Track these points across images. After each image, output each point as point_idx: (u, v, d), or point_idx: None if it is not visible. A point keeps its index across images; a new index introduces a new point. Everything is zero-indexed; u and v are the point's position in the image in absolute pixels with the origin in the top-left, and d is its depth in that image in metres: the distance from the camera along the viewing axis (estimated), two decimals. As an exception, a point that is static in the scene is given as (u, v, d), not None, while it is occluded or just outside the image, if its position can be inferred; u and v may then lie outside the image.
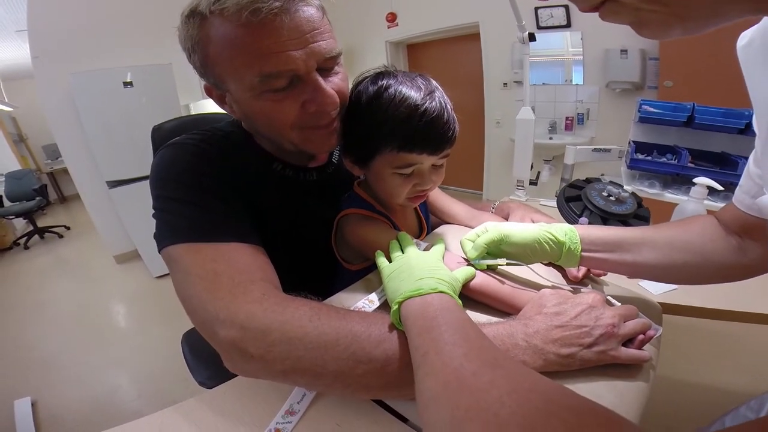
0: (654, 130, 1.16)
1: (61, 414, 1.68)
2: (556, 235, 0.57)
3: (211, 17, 0.50)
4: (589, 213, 0.80)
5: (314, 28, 0.52)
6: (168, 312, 2.36)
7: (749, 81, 0.43)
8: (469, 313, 0.44)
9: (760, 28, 0.40)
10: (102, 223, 3.02)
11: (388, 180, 0.62)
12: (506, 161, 1.24)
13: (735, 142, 1.09)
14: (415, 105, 0.56)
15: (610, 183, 0.87)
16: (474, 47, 3.40)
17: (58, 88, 2.57)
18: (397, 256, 0.54)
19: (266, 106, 0.55)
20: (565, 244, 0.56)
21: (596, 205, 0.79)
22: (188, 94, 3.02)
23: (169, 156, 0.60)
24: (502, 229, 0.58)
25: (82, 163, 2.79)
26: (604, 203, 0.80)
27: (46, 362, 2.08)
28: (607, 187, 0.84)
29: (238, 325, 0.43)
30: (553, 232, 0.57)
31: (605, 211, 0.78)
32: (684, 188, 1.03)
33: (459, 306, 0.43)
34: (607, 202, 0.81)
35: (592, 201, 0.80)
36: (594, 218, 0.79)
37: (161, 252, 0.53)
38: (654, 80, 2.56)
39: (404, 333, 0.43)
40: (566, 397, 0.28)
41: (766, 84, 0.39)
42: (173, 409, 0.47)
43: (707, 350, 1.65)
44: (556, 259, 0.59)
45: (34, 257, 3.83)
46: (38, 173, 5.59)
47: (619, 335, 0.45)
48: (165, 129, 0.94)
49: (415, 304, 0.42)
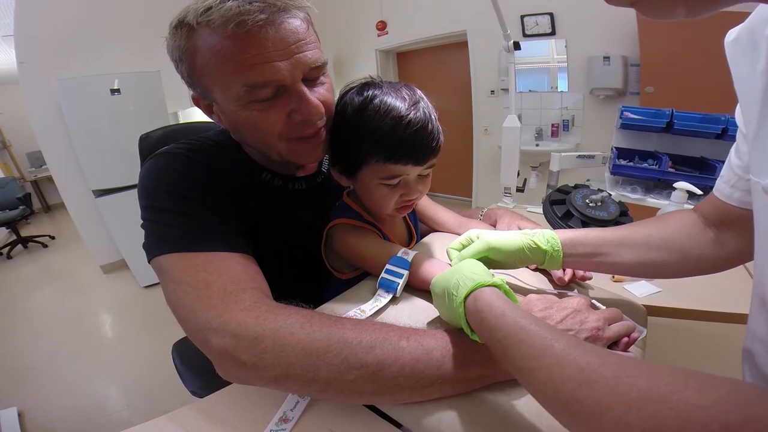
0: (635, 136, 1.19)
1: (49, 424, 1.66)
2: (539, 243, 0.59)
3: (198, 28, 0.51)
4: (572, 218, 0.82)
5: (299, 39, 0.54)
6: (157, 322, 2.33)
7: (736, 76, 0.45)
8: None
9: (747, 26, 0.42)
10: (88, 232, 2.97)
11: (374, 191, 0.63)
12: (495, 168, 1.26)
13: (713, 147, 1.12)
14: (400, 116, 0.56)
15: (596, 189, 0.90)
16: (462, 55, 3.45)
17: (44, 95, 2.54)
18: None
19: (252, 116, 0.56)
20: (548, 252, 0.59)
21: (580, 211, 0.82)
22: (177, 101, 3.00)
23: (157, 165, 0.60)
24: (488, 239, 0.60)
25: (67, 171, 2.75)
26: (587, 209, 0.82)
27: (32, 372, 2.04)
28: (591, 194, 0.86)
29: (231, 333, 0.44)
30: (536, 240, 0.59)
31: (588, 216, 0.81)
32: (665, 193, 1.06)
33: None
34: (590, 207, 0.83)
35: (575, 206, 0.82)
36: (575, 222, 0.81)
37: (151, 262, 0.53)
38: (636, 86, 2.63)
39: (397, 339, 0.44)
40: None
41: (751, 79, 0.40)
42: (166, 418, 0.47)
43: (692, 351, 1.69)
44: (540, 264, 0.61)
45: (17, 267, 3.74)
46: (22, 181, 5.47)
47: (604, 338, 0.47)
48: (152, 138, 0.94)
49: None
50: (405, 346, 0.44)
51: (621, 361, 0.31)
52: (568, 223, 0.81)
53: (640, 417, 0.26)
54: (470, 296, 0.44)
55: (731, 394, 0.25)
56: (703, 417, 0.24)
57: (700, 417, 0.24)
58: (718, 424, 0.23)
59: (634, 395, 0.27)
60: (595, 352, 0.33)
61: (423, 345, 0.45)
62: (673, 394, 0.26)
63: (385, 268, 0.62)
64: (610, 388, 0.29)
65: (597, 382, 0.29)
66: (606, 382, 0.29)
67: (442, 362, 0.44)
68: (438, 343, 0.46)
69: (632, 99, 2.67)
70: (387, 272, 0.61)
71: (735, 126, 1.00)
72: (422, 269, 0.61)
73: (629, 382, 0.28)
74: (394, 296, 0.60)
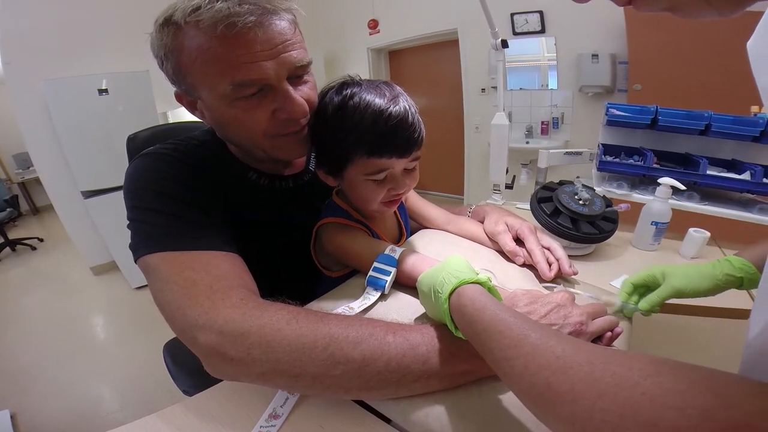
0: (621, 132, 1.20)
1: (42, 426, 1.65)
2: (733, 273, 0.59)
3: (186, 27, 0.51)
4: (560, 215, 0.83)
5: (286, 40, 0.54)
6: (148, 322, 2.32)
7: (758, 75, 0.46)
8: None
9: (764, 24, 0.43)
10: (77, 234, 2.94)
11: (362, 187, 0.64)
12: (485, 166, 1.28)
13: (697, 143, 1.14)
14: (380, 110, 0.57)
15: (581, 186, 0.91)
16: (453, 53, 3.46)
17: (31, 96, 2.50)
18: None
19: (238, 113, 0.57)
20: (744, 278, 0.59)
21: (566, 207, 0.83)
22: (166, 101, 2.97)
23: (143, 166, 0.60)
24: (675, 284, 0.60)
25: (55, 172, 2.72)
26: (574, 205, 0.84)
27: (25, 374, 2.02)
28: (578, 190, 0.88)
29: (217, 330, 0.44)
30: (726, 271, 0.59)
31: (574, 212, 0.82)
32: (651, 188, 1.07)
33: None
34: (576, 203, 0.84)
35: (562, 203, 0.84)
36: (564, 219, 0.82)
37: (137, 261, 0.54)
38: (624, 84, 2.66)
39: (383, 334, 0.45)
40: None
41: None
42: (156, 416, 0.47)
43: (680, 346, 1.71)
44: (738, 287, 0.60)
45: (5, 270, 3.68)
46: (8, 183, 5.39)
47: (588, 332, 0.47)
48: (140, 138, 0.94)
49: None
50: (391, 341, 0.45)
51: (595, 349, 0.31)
52: (557, 220, 0.82)
53: (614, 402, 0.26)
54: (454, 293, 0.44)
55: (706, 379, 0.25)
56: (678, 401, 0.24)
57: (674, 401, 0.24)
58: (695, 408, 0.23)
59: (608, 380, 0.27)
60: (571, 341, 0.33)
61: (409, 340, 0.46)
62: (646, 378, 0.26)
63: (373, 266, 0.62)
64: (585, 374, 0.29)
65: (571, 368, 0.30)
66: (580, 369, 0.29)
67: (428, 357, 0.45)
68: (424, 339, 0.47)
69: (620, 96, 2.70)
70: (375, 270, 0.62)
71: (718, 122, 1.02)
72: (410, 266, 0.62)
73: (602, 368, 0.28)
74: (383, 294, 0.61)
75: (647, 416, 0.25)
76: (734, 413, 0.22)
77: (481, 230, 0.81)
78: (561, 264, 0.70)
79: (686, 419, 0.23)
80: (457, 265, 0.48)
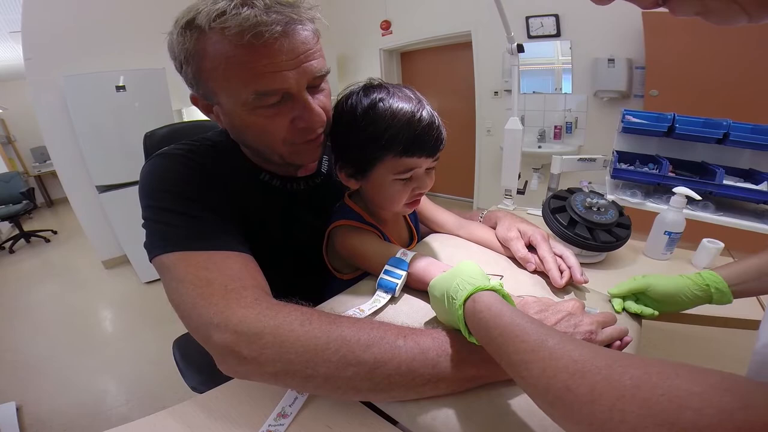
0: (637, 139, 1.19)
1: (47, 418, 1.66)
2: (701, 283, 0.62)
3: (210, 33, 0.51)
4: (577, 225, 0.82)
5: (308, 49, 0.55)
6: (157, 318, 2.35)
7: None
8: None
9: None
10: (91, 227, 2.99)
11: (388, 187, 0.65)
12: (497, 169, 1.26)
13: (714, 152, 1.12)
14: (412, 113, 0.59)
15: (592, 193, 0.90)
16: (466, 56, 3.44)
17: (51, 91, 2.56)
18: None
19: (258, 121, 0.57)
20: (710, 287, 0.61)
21: (582, 216, 0.82)
22: (181, 99, 3.01)
23: (158, 166, 0.61)
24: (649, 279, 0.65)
25: (71, 166, 2.77)
26: (589, 214, 0.83)
27: (31, 366, 2.05)
28: (590, 198, 0.87)
29: (232, 329, 0.45)
30: (695, 280, 0.63)
31: (590, 221, 0.81)
32: (665, 197, 1.05)
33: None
34: (590, 212, 0.83)
35: (577, 212, 0.83)
36: (581, 229, 0.81)
37: (153, 261, 0.55)
38: (640, 89, 2.61)
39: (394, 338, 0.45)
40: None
41: None
42: (166, 413, 0.48)
43: (688, 355, 1.68)
44: (709, 302, 0.63)
45: (19, 261, 3.76)
46: (25, 176, 5.51)
47: (597, 341, 0.48)
48: (157, 136, 0.95)
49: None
50: (402, 345, 0.45)
51: (613, 353, 0.32)
52: (575, 231, 0.81)
53: (633, 403, 0.26)
54: (469, 299, 0.45)
55: (723, 381, 0.25)
56: (696, 402, 0.24)
57: (693, 402, 0.24)
58: (714, 408, 0.24)
59: (627, 382, 0.28)
60: (588, 346, 0.34)
61: (419, 344, 0.46)
62: (665, 380, 0.26)
63: (384, 269, 0.63)
64: (603, 376, 0.29)
65: (590, 371, 0.30)
66: (599, 372, 0.30)
67: (438, 361, 0.45)
68: (434, 343, 0.47)
69: (636, 102, 2.66)
70: (386, 273, 0.62)
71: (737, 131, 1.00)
72: (420, 270, 0.62)
73: (621, 370, 0.29)
74: (393, 296, 0.61)
75: (666, 416, 0.25)
76: (753, 414, 0.23)
77: (492, 236, 0.81)
78: (573, 272, 0.69)
79: (705, 419, 0.24)
80: (470, 272, 0.49)
